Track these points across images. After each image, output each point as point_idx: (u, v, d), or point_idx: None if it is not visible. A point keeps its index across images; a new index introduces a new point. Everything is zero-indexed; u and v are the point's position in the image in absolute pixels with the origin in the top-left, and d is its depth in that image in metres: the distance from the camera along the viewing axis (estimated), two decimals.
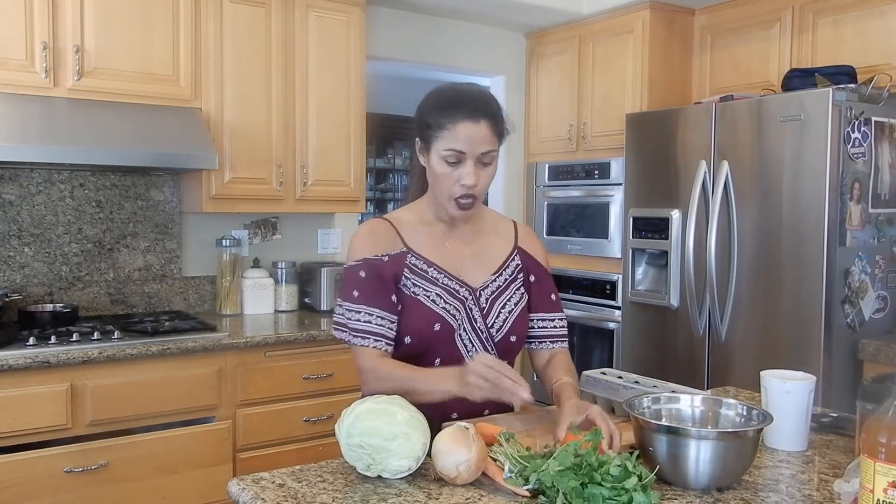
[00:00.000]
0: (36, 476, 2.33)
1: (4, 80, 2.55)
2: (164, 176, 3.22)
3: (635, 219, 3.40)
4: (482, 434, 1.30)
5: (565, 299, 3.83)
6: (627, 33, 3.65)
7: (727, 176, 2.99)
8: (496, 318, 1.60)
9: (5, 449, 2.33)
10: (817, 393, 1.60)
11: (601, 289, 3.77)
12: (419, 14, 3.88)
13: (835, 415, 1.73)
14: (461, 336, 1.57)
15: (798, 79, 2.99)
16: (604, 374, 1.72)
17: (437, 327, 1.54)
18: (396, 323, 1.54)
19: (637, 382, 1.66)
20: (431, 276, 1.57)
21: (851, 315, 2.77)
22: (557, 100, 4.07)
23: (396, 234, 1.60)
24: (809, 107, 2.71)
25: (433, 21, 3.94)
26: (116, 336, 2.59)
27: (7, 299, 2.75)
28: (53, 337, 2.49)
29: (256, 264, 3.37)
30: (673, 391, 1.57)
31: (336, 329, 1.58)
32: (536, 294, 1.68)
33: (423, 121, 1.54)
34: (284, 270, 3.40)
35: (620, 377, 1.70)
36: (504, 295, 1.63)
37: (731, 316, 2.99)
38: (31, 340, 2.45)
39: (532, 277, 1.69)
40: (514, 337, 1.62)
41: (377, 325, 1.52)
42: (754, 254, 2.91)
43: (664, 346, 3.28)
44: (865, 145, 2.75)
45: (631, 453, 1.20)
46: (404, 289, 1.56)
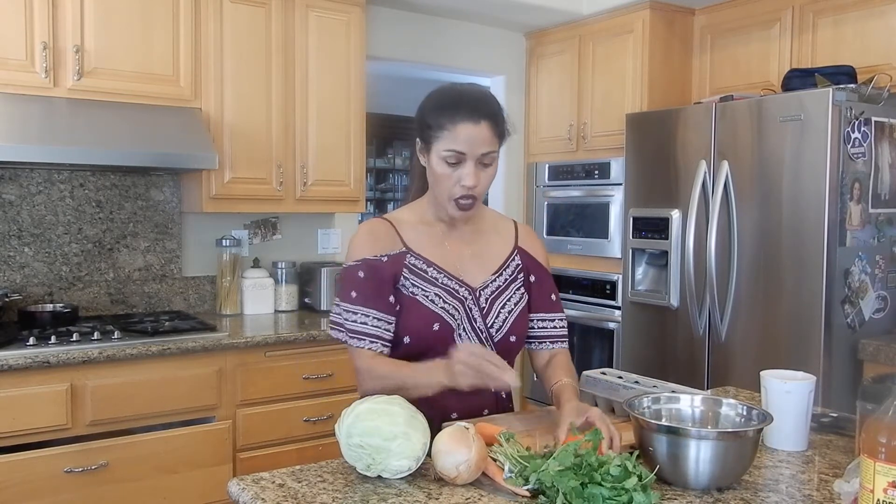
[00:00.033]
0: (36, 476, 2.34)
1: (4, 80, 2.55)
2: (164, 176, 3.22)
3: (635, 219, 3.40)
4: (482, 434, 1.30)
5: (565, 299, 3.83)
6: (627, 33, 3.65)
7: (727, 176, 2.99)
8: (496, 318, 1.60)
9: (5, 449, 2.33)
10: (817, 393, 1.60)
11: (601, 289, 3.77)
12: (419, 14, 3.88)
13: (835, 415, 1.73)
14: (461, 336, 1.57)
15: (798, 79, 2.99)
16: (604, 374, 1.72)
17: (436, 327, 1.54)
18: (394, 324, 1.54)
19: (637, 382, 1.66)
20: (431, 276, 1.57)
21: (851, 315, 2.77)
22: (557, 100, 4.07)
23: (396, 234, 1.60)
24: (809, 107, 2.71)
25: (433, 21, 3.94)
26: (116, 336, 2.59)
27: (7, 299, 2.75)
28: (53, 337, 2.49)
29: (256, 264, 3.37)
30: (673, 391, 1.58)
31: (332, 328, 1.59)
32: (537, 294, 1.68)
33: (424, 121, 1.54)
34: (284, 270, 3.41)
35: (620, 377, 1.70)
36: (504, 295, 1.63)
37: (731, 316, 2.99)
38: (31, 340, 2.45)
39: (532, 277, 1.69)
40: (514, 337, 1.62)
41: (373, 327, 1.52)
42: (754, 254, 2.91)
43: (664, 346, 3.28)
44: (865, 145, 2.75)
45: (631, 453, 1.20)
46: (403, 289, 1.56)
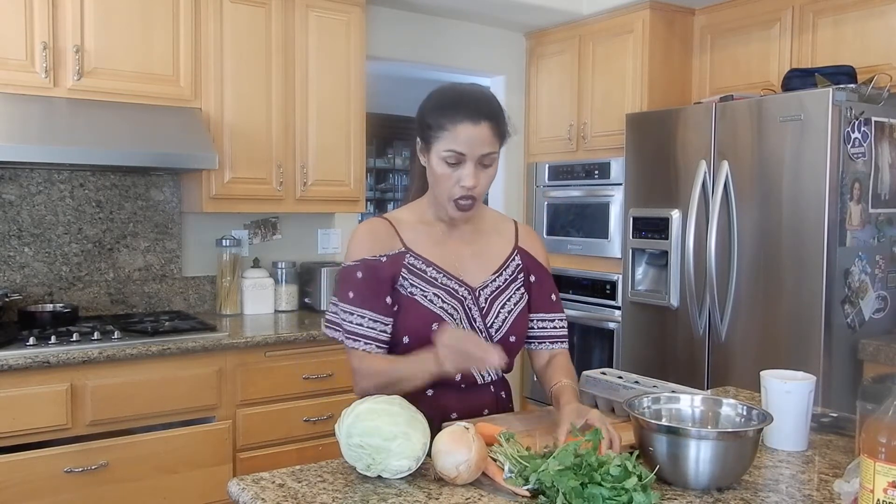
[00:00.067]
0: (36, 476, 2.34)
1: (4, 80, 2.55)
2: (164, 176, 3.22)
3: (635, 219, 3.40)
4: (482, 434, 1.30)
5: (565, 299, 3.82)
6: (627, 33, 3.65)
7: (727, 176, 2.99)
8: (495, 318, 1.60)
9: (5, 449, 2.33)
10: (817, 393, 1.60)
11: (601, 289, 3.77)
12: (419, 14, 3.88)
13: (835, 415, 1.73)
14: None
15: (798, 79, 2.99)
16: (604, 374, 1.72)
17: (435, 327, 1.54)
18: (390, 325, 1.55)
19: (637, 382, 1.66)
20: (430, 276, 1.57)
21: (851, 315, 2.77)
22: (557, 100, 4.07)
23: (395, 234, 1.60)
24: (809, 107, 2.71)
25: (433, 21, 3.94)
26: (116, 336, 2.59)
27: (7, 299, 2.75)
28: (53, 337, 2.49)
29: (256, 264, 3.37)
30: (673, 391, 1.58)
31: (328, 326, 1.60)
32: (537, 294, 1.68)
33: (424, 121, 1.54)
34: (284, 270, 3.40)
35: (620, 377, 1.70)
36: (504, 295, 1.62)
37: (731, 316, 2.99)
38: (31, 340, 2.45)
39: (532, 277, 1.68)
40: (514, 337, 1.62)
41: (369, 329, 1.53)
42: (754, 254, 2.91)
43: (664, 346, 3.28)
44: (865, 145, 2.75)
45: (631, 453, 1.20)
46: (401, 289, 1.55)
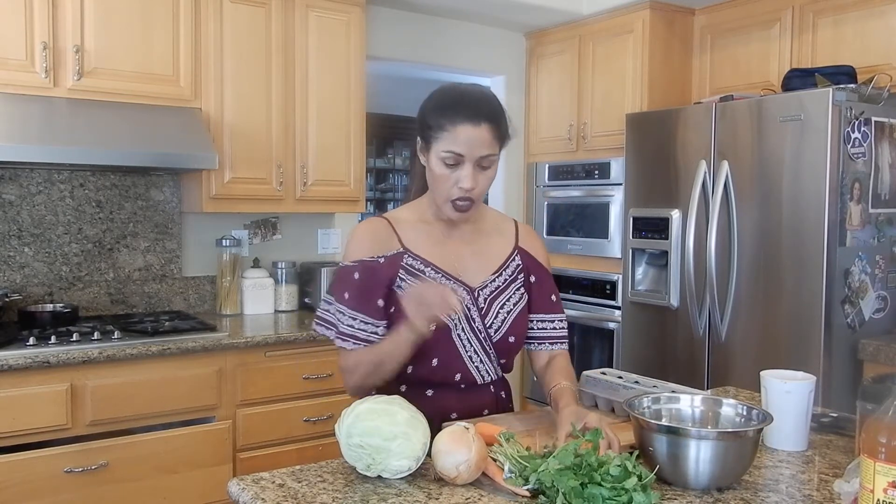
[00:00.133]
0: (36, 476, 2.34)
1: (4, 80, 2.55)
2: (164, 176, 3.22)
3: (635, 219, 3.40)
4: (482, 434, 1.30)
5: (565, 299, 3.82)
6: (627, 33, 3.65)
7: (727, 176, 2.99)
8: (494, 318, 1.60)
9: (5, 449, 2.33)
10: (817, 393, 1.60)
11: (601, 289, 3.77)
12: (419, 14, 3.88)
13: (835, 415, 1.73)
14: (459, 336, 1.57)
15: (798, 79, 2.99)
16: (604, 374, 1.72)
17: (433, 327, 1.54)
18: (382, 327, 1.55)
19: (637, 382, 1.66)
20: (428, 277, 1.57)
21: (851, 315, 2.77)
22: (557, 100, 4.07)
23: (394, 234, 1.60)
24: (809, 107, 2.71)
25: (433, 21, 3.94)
26: (116, 336, 2.59)
27: (7, 299, 2.75)
28: (53, 337, 2.49)
29: (256, 264, 3.37)
30: (673, 391, 1.58)
31: (319, 323, 1.60)
32: (537, 294, 1.68)
33: (424, 121, 1.54)
34: (284, 270, 3.41)
35: (620, 377, 1.70)
36: (503, 295, 1.62)
37: (731, 316, 2.99)
38: (31, 340, 2.45)
39: (532, 278, 1.68)
40: (513, 337, 1.61)
41: (360, 331, 1.53)
42: (754, 254, 2.91)
43: (664, 346, 3.28)
44: (865, 145, 2.75)
45: (631, 453, 1.20)
46: (399, 290, 1.55)
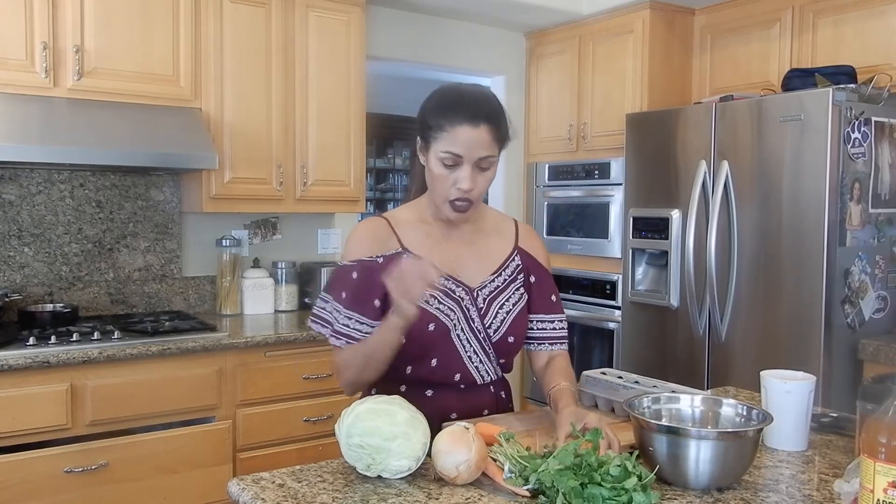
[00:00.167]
0: (36, 476, 2.34)
1: (4, 80, 2.55)
2: (164, 176, 3.22)
3: (635, 219, 3.40)
4: (482, 434, 1.30)
5: (565, 299, 3.82)
6: (627, 33, 3.65)
7: (727, 176, 2.99)
8: (494, 319, 1.59)
9: (5, 449, 2.33)
10: (817, 393, 1.60)
11: (601, 289, 3.77)
12: (419, 14, 3.88)
13: (835, 415, 1.73)
14: (459, 336, 1.57)
15: (798, 79, 2.99)
16: (604, 374, 1.72)
17: (432, 327, 1.54)
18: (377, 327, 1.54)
19: (637, 382, 1.66)
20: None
21: (851, 315, 2.77)
22: (557, 100, 4.07)
23: (393, 234, 1.60)
24: (809, 107, 2.71)
25: (433, 21, 3.94)
26: (116, 336, 2.59)
27: (7, 299, 2.75)
28: (53, 337, 2.49)
29: (256, 264, 3.37)
30: (673, 391, 1.58)
31: (314, 321, 1.60)
32: (536, 295, 1.67)
33: (424, 121, 1.53)
34: (284, 270, 3.40)
35: (620, 377, 1.70)
36: (502, 295, 1.62)
37: (731, 316, 2.99)
38: (31, 340, 2.45)
39: (532, 278, 1.68)
40: (513, 337, 1.61)
41: (355, 330, 1.53)
42: (754, 254, 2.91)
43: (664, 346, 3.28)
44: (865, 145, 2.75)
45: (631, 453, 1.20)
46: None
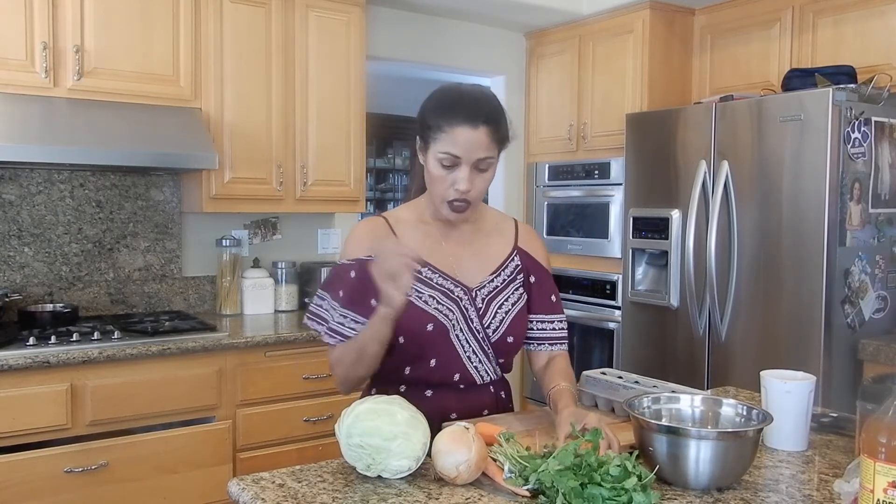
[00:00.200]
0: (36, 476, 2.34)
1: (4, 80, 2.55)
2: (164, 176, 3.22)
3: (635, 219, 3.40)
4: (482, 434, 1.30)
5: (565, 299, 3.82)
6: (627, 33, 3.65)
7: (727, 176, 2.99)
8: (492, 319, 1.59)
9: (5, 449, 2.33)
10: (817, 393, 1.60)
11: (601, 289, 3.77)
12: (419, 14, 3.88)
13: (835, 415, 1.73)
14: (458, 336, 1.57)
15: (798, 79, 2.99)
16: (604, 374, 1.72)
17: (430, 327, 1.54)
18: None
19: (637, 382, 1.66)
20: (425, 277, 1.57)
21: (851, 315, 2.77)
22: (557, 100, 4.07)
23: (391, 234, 1.60)
24: (809, 107, 2.71)
25: (433, 21, 3.94)
26: (116, 336, 2.59)
27: (7, 299, 2.75)
28: (53, 337, 2.49)
29: (256, 264, 3.37)
30: (673, 391, 1.57)
31: (310, 318, 1.60)
32: (536, 295, 1.67)
33: (424, 121, 1.53)
34: (284, 270, 3.40)
35: (620, 377, 1.70)
36: (501, 295, 1.61)
37: (731, 316, 2.99)
38: (31, 340, 2.45)
39: (532, 278, 1.68)
40: (512, 337, 1.61)
41: (350, 329, 1.53)
42: (754, 254, 2.91)
43: (664, 346, 3.28)
44: (865, 145, 2.75)
45: (631, 453, 1.20)
46: None
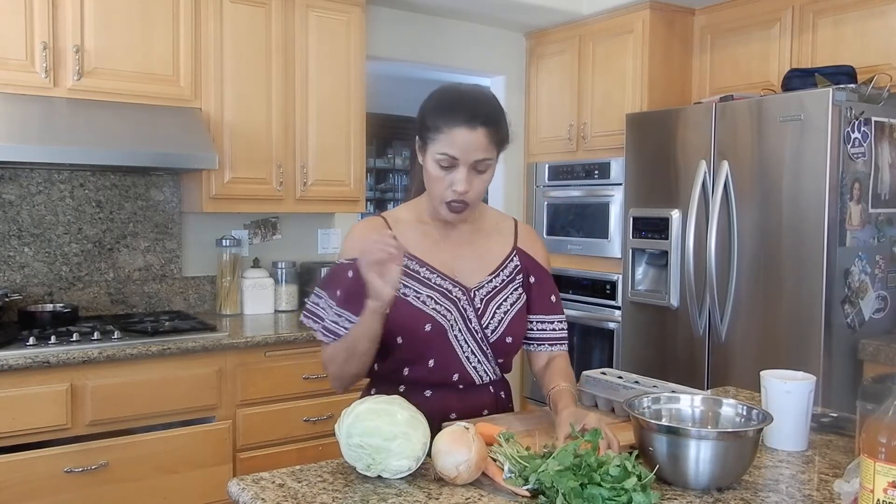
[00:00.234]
0: (36, 476, 2.34)
1: (4, 80, 2.55)
2: (164, 176, 3.22)
3: (635, 219, 3.40)
4: (482, 434, 1.30)
5: (565, 299, 3.82)
6: (627, 33, 3.65)
7: (727, 176, 2.99)
8: (491, 319, 1.59)
9: (5, 449, 2.33)
10: (817, 393, 1.60)
11: (601, 289, 3.77)
12: (419, 14, 3.88)
13: (835, 415, 1.73)
14: (456, 337, 1.56)
15: (798, 79, 2.99)
16: (604, 374, 1.72)
17: (428, 328, 1.53)
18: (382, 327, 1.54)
19: (637, 382, 1.66)
20: (423, 277, 1.57)
21: (851, 315, 2.77)
22: (557, 100, 4.07)
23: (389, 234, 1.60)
24: (809, 107, 2.71)
25: (433, 21, 3.94)
26: (116, 336, 2.59)
27: (7, 299, 2.75)
28: (53, 337, 2.49)
29: (256, 264, 3.37)
30: (673, 391, 1.57)
31: (307, 316, 1.62)
32: (536, 295, 1.67)
33: (423, 121, 1.53)
34: (284, 270, 3.40)
35: (620, 377, 1.70)
36: (500, 295, 1.61)
37: (731, 316, 2.99)
38: (31, 340, 2.45)
39: (532, 279, 1.67)
40: (511, 338, 1.61)
41: (344, 330, 1.54)
42: (754, 254, 2.91)
43: (664, 346, 3.28)
44: (865, 145, 2.75)
45: (630, 453, 1.20)
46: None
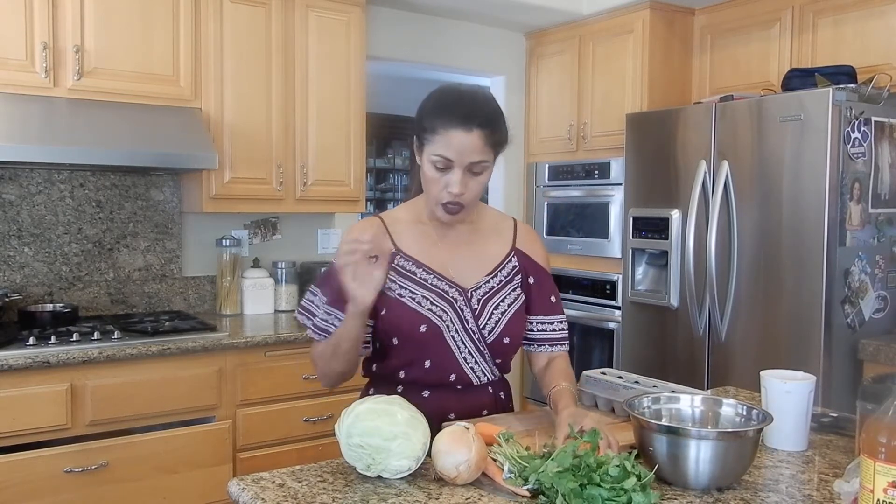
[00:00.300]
0: (36, 476, 2.34)
1: (4, 80, 2.55)
2: (164, 176, 3.22)
3: (635, 219, 3.40)
4: (482, 434, 1.30)
5: (565, 299, 3.82)
6: (627, 33, 3.65)
7: (727, 176, 2.99)
8: (488, 320, 1.58)
9: (5, 449, 2.33)
10: (817, 393, 1.60)
11: (601, 289, 3.77)
12: (419, 14, 3.88)
13: (835, 415, 1.73)
14: (453, 337, 1.56)
15: (798, 79, 2.99)
16: (604, 374, 1.72)
17: (424, 329, 1.53)
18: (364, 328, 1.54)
19: (637, 382, 1.66)
20: (419, 278, 1.57)
21: (851, 315, 2.77)
22: (557, 100, 4.07)
23: (387, 235, 1.60)
24: (809, 107, 2.71)
25: (433, 21, 3.94)
26: (116, 336, 2.59)
27: (7, 299, 2.75)
28: (53, 337, 2.49)
29: (256, 264, 3.37)
30: (673, 391, 1.58)
31: (301, 312, 1.63)
32: (536, 296, 1.67)
33: (420, 122, 1.53)
34: (284, 270, 3.40)
35: (620, 377, 1.70)
36: (497, 296, 1.61)
37: (731, 316, 2.99)
38: (31, 340, 2.45)
39: (531, 279, 1.67)
40: (508, 338, 1.60)
41: (333, 328, 1.55)
42: (754, 254, 2.91)
43: (664, 346, 3.28)
44: (865, 145, 2.75)
45: (630, 453, 1.20)
46: (389, 291, 1.54)
